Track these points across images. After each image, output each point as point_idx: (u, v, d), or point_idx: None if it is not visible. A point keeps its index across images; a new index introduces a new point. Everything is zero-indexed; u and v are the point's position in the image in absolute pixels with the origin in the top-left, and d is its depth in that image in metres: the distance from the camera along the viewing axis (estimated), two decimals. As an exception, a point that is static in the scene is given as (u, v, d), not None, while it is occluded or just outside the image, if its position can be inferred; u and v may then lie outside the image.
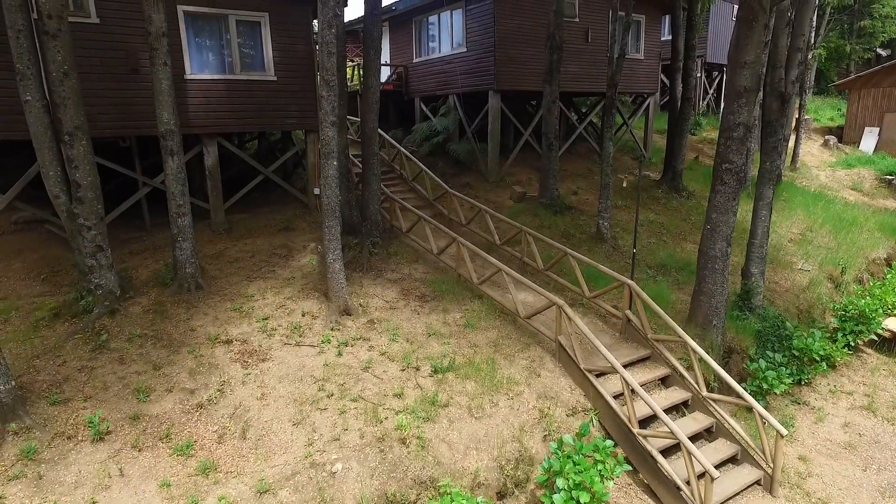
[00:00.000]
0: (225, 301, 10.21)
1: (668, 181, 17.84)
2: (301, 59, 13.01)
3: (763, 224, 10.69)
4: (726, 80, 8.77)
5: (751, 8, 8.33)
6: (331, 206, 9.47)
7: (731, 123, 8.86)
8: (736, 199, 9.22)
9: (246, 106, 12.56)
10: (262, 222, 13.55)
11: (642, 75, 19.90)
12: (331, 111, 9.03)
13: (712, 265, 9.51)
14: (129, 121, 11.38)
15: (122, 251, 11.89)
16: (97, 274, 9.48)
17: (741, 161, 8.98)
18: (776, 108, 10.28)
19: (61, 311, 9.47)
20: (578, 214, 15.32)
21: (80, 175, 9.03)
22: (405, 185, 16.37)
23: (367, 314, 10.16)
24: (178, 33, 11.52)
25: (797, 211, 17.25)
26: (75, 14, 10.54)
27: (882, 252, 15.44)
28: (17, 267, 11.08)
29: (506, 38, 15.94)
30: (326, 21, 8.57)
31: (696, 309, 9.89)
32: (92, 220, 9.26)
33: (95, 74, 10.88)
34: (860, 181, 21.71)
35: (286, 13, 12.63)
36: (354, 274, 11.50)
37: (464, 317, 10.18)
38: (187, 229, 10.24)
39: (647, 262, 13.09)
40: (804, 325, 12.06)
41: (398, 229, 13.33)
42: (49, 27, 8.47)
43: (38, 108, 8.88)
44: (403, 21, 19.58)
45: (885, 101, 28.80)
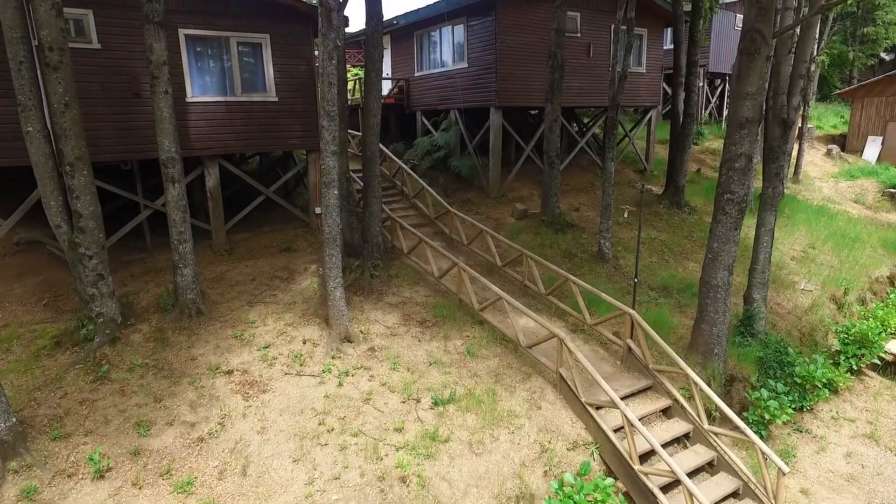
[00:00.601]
0: (226, 327, 10.22)
1: (669, 196, 17.80)
2: (302, 78, 13.01)
3: (765, 250, 10.65)
4: (728, 111, 8.72)
5: (753, 40, 8.29)
6: (332, 236, 9.46)
7: (732, 154, 8.83)
8: (737, 229, 9.19)
9: (247, 127, 12.56)
10: (264, 242, 13.56)
11: (644, 89, 19.85)
12: (331, 140, 9.02)
13: (714, 294, 9.48)
14: (130, 145, 11.39)
15: (124, 273, 11.91)
16: (98, 302, 9.49)
17: (743, 192, 8.95)
18: (779, 135, 10.24)
19: (63, 339, 9.48)
20: (580, 232, 15.29)
21: (81, 205, 9.04)
22: (406, 202, 16.35)
23: (368, 341, 10.15)
24: (179, 57, 11.53)
25: (799, 227, 17.19)
26: (77, 40, 10.57)
27: (885, 270, 15.38)
28: (18, 291, 11.09)
29: (507, 55, 15.91)
30: (327, 53, 8.55)
31: (697, 337, 9.86)
32: (93, 250, 9.27)
33: (97, 99, 10.90)
34: (863, 194, 21.63)
35: (287, 34, 12.63)
36: (355, 297, 11.50)
37: (465, 344, 10.16)
38: (188, 256, 10.25)
39: (649, 284, 13.05)
40: (807, 348, 12.03)
41: (399, 250, 13.31)
42: (50, 59, 8.48)
43: (40, 139, 8.88)
44: (405, 34, 19.57)
45: (889, 110, 28.71)
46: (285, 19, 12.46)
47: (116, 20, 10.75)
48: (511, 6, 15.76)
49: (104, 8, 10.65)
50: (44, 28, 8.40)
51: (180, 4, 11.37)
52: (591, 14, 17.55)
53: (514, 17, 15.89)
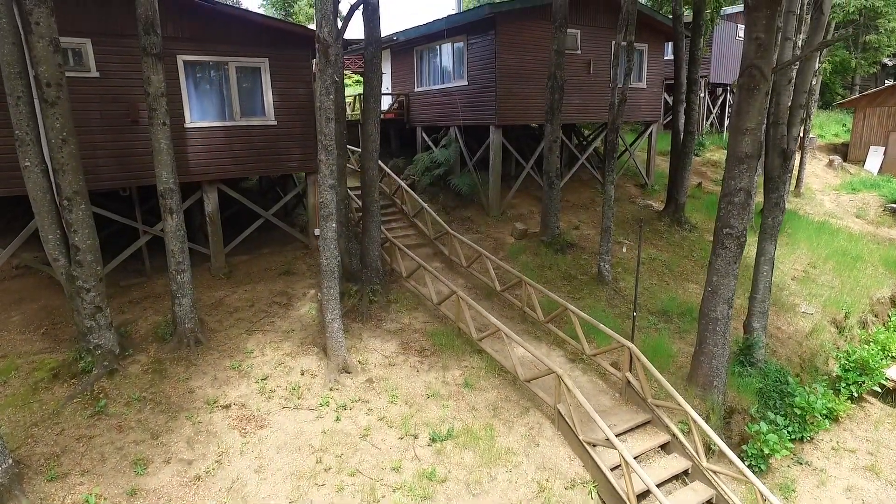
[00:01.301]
0: (224, 357, 10.20)
1: (670, 214, 17.75)
2: (301, 101, 12.99)
3: (765, 279, 10.61)
4: (728, 145, 8.69)
5: (752, 77, 8.25)
6: (329, 268, 9.44)
7: (732, 189, 8.79)
8: (737, 262, 9.14)
9: (246, 151, 12.55)
10: (263, 265, 13.55)
11: (645, 104, 19.80)
12: (329, 174, 9.00)
13: (713, 327, 9.44)
14: (129, 171, 11.38)
15: (122, 299, 11.91)
16: (96, 334, 9.48)
17: (742, 226, 8.91)
18: (778, 165, 10.20)
19: (61, 371, 9.47)
20: (580, 252, 15.25)
21: (78, 239, 9.03)
22: (406, 221, 16.33)
23: (366, 371, 10.13)
24: (177, 82, 11.52)
25: (801, 245, 17.13)
26: (76, 69, 10.56)
27: (886, 291, 15.31)
28: (16, 319, 11.09)
29: (507, 74, 15.88)
30: (325, 88, 8.53)
31: (696, 369, 9.82)
32: (91, 283, 9.26)
33: (96, 127, 10.90)
34: (865, 208, 21.54)
35: (286, 57, 12.60)
36: (354, 324, 11.48)
37: (463, 374, 10.13)
38: (186, 286, 10.23)
39: (649, 308, 13.01)
40: (807, 375, 11.99)
41: (398, 273, 13.28)
42: (48, 95, 8.47)
43: (37, 173, 8.89)
44: (405, 49, 19.55)
45: (891, 120, 28.61)
46: (284, 43, 12.44)
47: (115, 49, 10.74)
48: (511, 25, 15.72)
49: (103, 37, 10.64)
50: (41, 64, 8.38)
51: (179, 31, 11.36)
52: (592, 31, 17.50)
53: (514, 36, 15.85)
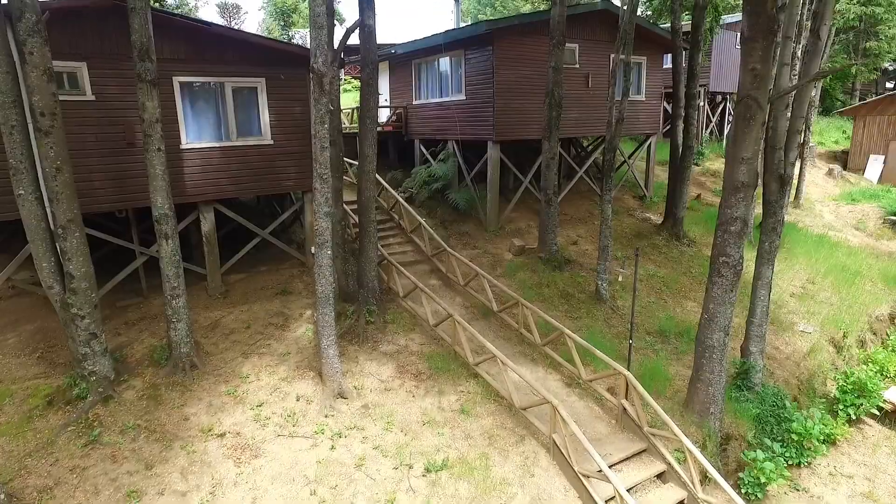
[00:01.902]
0: (219, 383, 10.18)
1: (668, 228, 17.72)
2: (298, 120, 12.95)
3: (762, 303, 10.58)
4: (724, 174, 8.66)
5: (748, 107, 8.22)
6: (325, 295, 9.42)
7: (728, 217, 8.76)
8: (734, 290, 9.11)
9: (243, 171, 12.53)
10: (260, 284, 13.52)
11: (644, 116, 19.76)
12: (324, 202, 8.98)
13: (710, 354, 9.41)
14: (126, 193, 11.36)
15: (119, 321, 11.89)
16: (91, 361, 9.47)
17: (738, 255, 8.88)
18: (776, 190, 10.16)
19: (55, 397, 9.45)
20: (578, 269, 15.21)
21: (73, 267, 9.01)
22: (404, 236, 16.30)
23: (362, 397, 10.10)
24: (173, 104, 11.50)
25: (799, 259, 17.09)
26: (71, 93, 10.54)
27: (885, 308, 15.27)
28: (12, 342, 11.07)
29: (506, 89, 15.85)
30: (319, 117, 8.51)
31: (693, 395, 9.79)
32: (86, 310, 9.25)
33: (92, 150, 10.88)
34: (864, 220, 21.50)
35: (282, 77, 12.57)
36: (350, 346, 11.46)
37: (459, 400, 10.10)
38: (182, 310, 10.20)
39: (646, 328, 12.98)
40: (805, 397, 11.96)
41: (395, 292, 13.25)
42: (42, 125, 8.45)
43: (32, 201, 8.86)
44: (403, 62, 19.52)
45: (891, 129, 28.59)
46: (280, 63, 12.41)
47: (111, 72, 10.72)
48: (509, 40, 15.69)
49: (98, 60, 10.62)
50: (35, 93, 8.37)
51: (175, 53, 11.34)
52: (590, 45, 17.47)
53: (512, 51, 15.82)
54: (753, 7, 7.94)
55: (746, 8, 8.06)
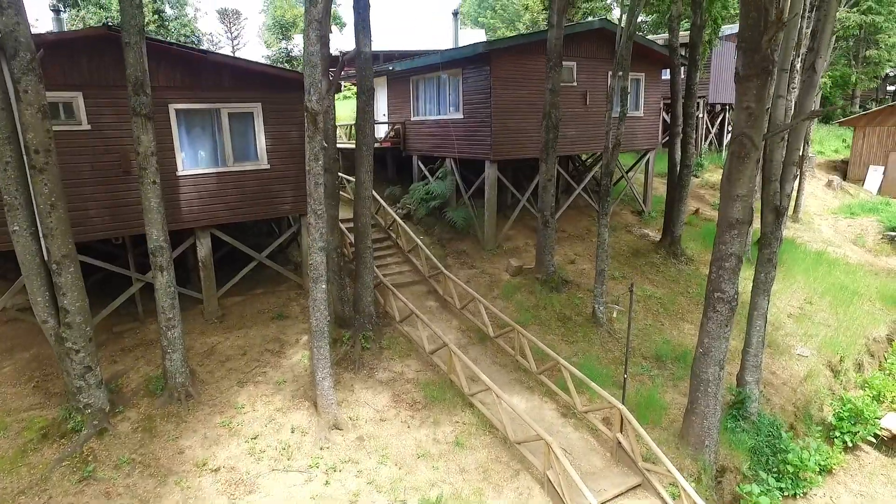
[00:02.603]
0: (215, 413, 10.18)
1: (666, 246, 17.70)
2: (294, 144, 12.93)
3: (758, 333, 10.56)
4: (719, 211, 8.65)
5: (743, 145, 8.21)
6: (320, 329, 9.42)
7: (723, 253, 8.75)
8: (729, 325, 9.10)
9: (239, 196, 12.53)
10: (257, 307, 13.51)
11: (642, 132, 19.75)
12: (319, 238, 8.97)
13: (704, 388, 9.40)
14: (122, 221, 11.36)
15: (115, 347, 11.89)
16: (86, 393, 9.46)
17: (733, 291, 8.87)
18: (771, 221, 10.15)
19: (50, 431, 9.45)
20: (575, 290, 15.20)
21: (68, 301, 9.01)
22: (401, 256, 16.29)
23: (357, 428, 10.09)
24: (169, 131, 11.49)
25: (797, 278, 17.06)
26: (67, 123, 10.54)
27: (883, 329, 15.24)
28: (8, 370, 11.07)
29: (503, 109, 15.83)
30: (313, 154, 8.50)
31: (688, 428, 9.78)
32: (80, 344, 9.25)
33: (87, 178, 10.88)
34: (863, 234, 21.47)
35: (278, 101, 12.57)
36: (346, 374, 11.45)
37: (454, 431, 10.10)
38: (177, 341, 10.21)
39: (643, 352, 12.96)
40: (801, 423, 11.94)
41: (391, 315, 13.25)
42: (36, 162, 8.45)
43: (26, 237, 8.86)
44: (401, 77, 19.52)
45: (891, 139, 28.57)
46: (275, 87, 12.40)
47: (106, 101, 10.72)
48: (506, 59, 15.68)
49: (93, 89, 10.62)
50: (30, 131, 8.37)
51: (170, 81, 11.34)
52: (588, 62, 17.45)
53: (510, 71, 15.81)
54: (749, 45, 7.93)
55: (742, 45, 8.04)
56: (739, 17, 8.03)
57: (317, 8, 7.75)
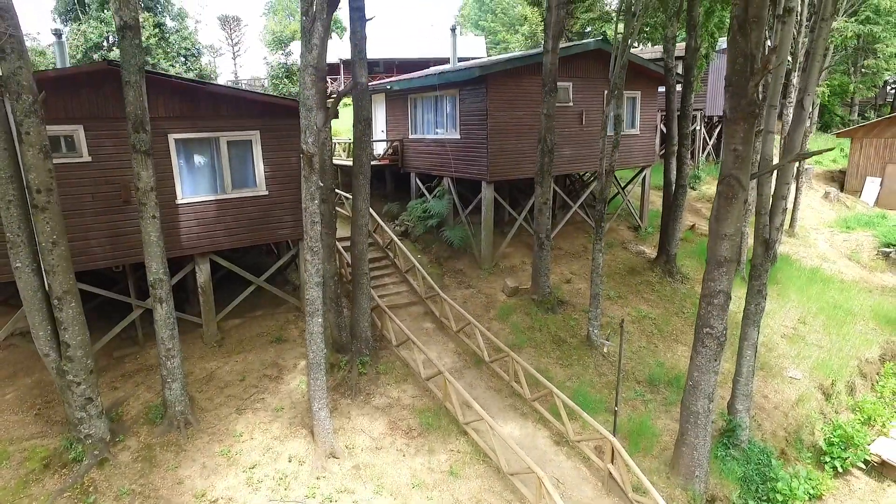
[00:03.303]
0: (213, 442, 10.35)
1: (662, 264, 17.85)
2: (292, 170, 13.11)
3: (748, 363, 10.72)
4: (708, 247, 8.81)
5: (730, 186, 8.37)
6: (316, 361, 9.59)
7: (711, 290, 8.91)
8: (717, 360, 9.26)
9: (238, 223, 12.70)
10: (255, 330, 13.69)
11: (639, 150, 19.91)
12: (315, 273, 9.15)
13: (694, 420, 9.56)
14: (122, 250, 11.54)
15: (115, 372, 12.07)
16: (87, 424, 9.64)
17: (721, 327, 9.03)
18: (761, 254, 10.30)
19: (52, 461, 9.64)
20: (571, 311, 15.36)
21: (69, 336, 9.19)
22: (399, 276, 16.46)
23: (353, 457, 10.26)
24: (168, 161, 11.67)
25: (791, 297, 17.21)
26: (68, 155, 10.72)
27: (876, 350, 15.39)
28: (10, 397, 11.26)
29: (499, 131, 16.00)
30: (310, 194, 8.67)
31: (679, 458, 9.94)
32: (81, 376, 9.42)
33: (88, 209, 11.06)
34: (858, 250, 21.60)
35: (276, 128, 12.74)
36: (343, 400, 11.63)
37: (449, 460, 10.26)
38: (176, 370, 10.38)
39: (636, 376, 13.12)
40: (793, 448, 12.09)
41: (388, 339, 13.42)
42: (38, 201, 8.63)
43: (28, 273, 9.03)
44: (399, 95, 19.68)
45: (888, 151, 28.69)
46: (273, 115, 12.58)
47: (106, 133, 10.90)
48: (502, 82, 15.84)
49: (94, 122, 10.80)
50: (32, 171, 8.55)
51: (170, 111, 11.51)
52: (583, 82, 17.61)
53: (506, 93, 15.97)
54: (736, 90, 8.09)
55: (729, 89, 8.20)
56: (727, 61, 8.19)
57: (312, 54, 7.92)
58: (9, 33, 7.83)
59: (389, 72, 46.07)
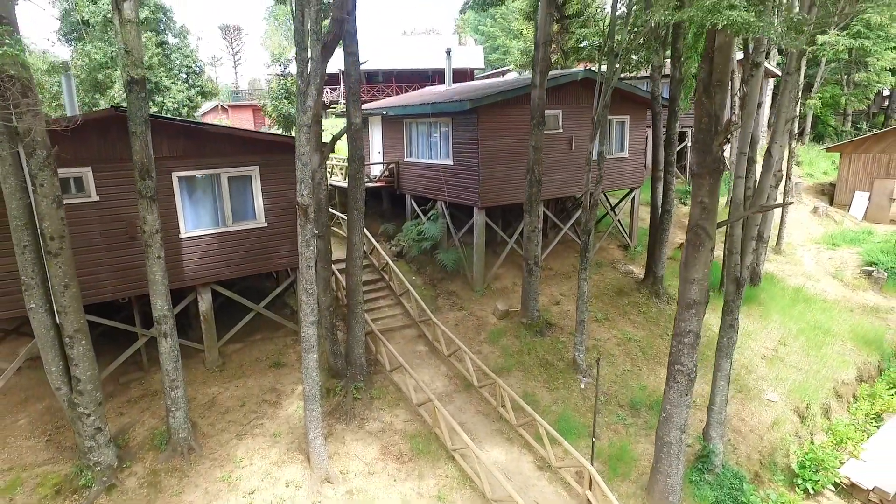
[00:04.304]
0: (215, 468, 10.95)
1: (649, 285, 18.43)
2: (290, 202, 13.70)
3: (721, 393, 11.30)
4: (679, 291, 9.39)
5: (698, 235, 8.96)
6: (312, 395, 10.19)
7: (682, 330, 9.50)
8: (689, 394, 9.85)
9: (238, 253, 13.31)
10: (255, 355, 14.30)
11: (628, 172, 20.49)
12: (310, 313, 9.74)
13: (667, 449, 10.15)
14: (128, 282, 12.15)
15: (122, 398, 12.68)
16: (96, 452, 10.26)
17: (692, 364, 9.62)
18: (732, 291, 10.90)
19: (63, 487, 10.26)
20: (558, 334, 15.94)
21: (80, 371, 9.81)
22: (393, 298, 17.05)
23: (347, 481, 10.86)
24: (172, 198, 12.28)
25: (774, 318, 17.77)
26: (78, 196, 11.33)
27: (852, 372, 15.95)
28: (22, 423, 11.88)
29: (490, 159, 16.59)
30: (305, 241, 9.27)
31: (654, 485, 10.53)
32: (91, 408, 10.04)
33: (97, 245, 11.67)
34: (842, 268, 22.14)
35: (275, 163, 13.34)
36: (338, 425, 12.22)
37: (437, 485, 10.86)
38: (180, 400, 10.98)
39: (619, 400, 13.71)
40: (767, 470, 12.66)
41: (382, 364, 14.02)
42: (51, 247, 9.25)
43: (42, 313, 9.65)
44: (396, 119, 20.27)
45: (875, 166, 29.23)
46: (271, 151, 13.19)
47: (113, 173, 11.51)
48: (492, 113, 16.42)
49: (101, 163, 11.41)
50: (45, 220, 9.16)
51: (173, 151, 12.12)
52: (572, 109, 18.18)
53: (496, 122, 16.56)
54: (701, 147, 8.67)
55: (695, 147, 8.79)
56: (693, 119, 8.77)
57: (306, 115, 8.52)
58: (29, 107, 8.45)
59: (389, 82, 46.69)
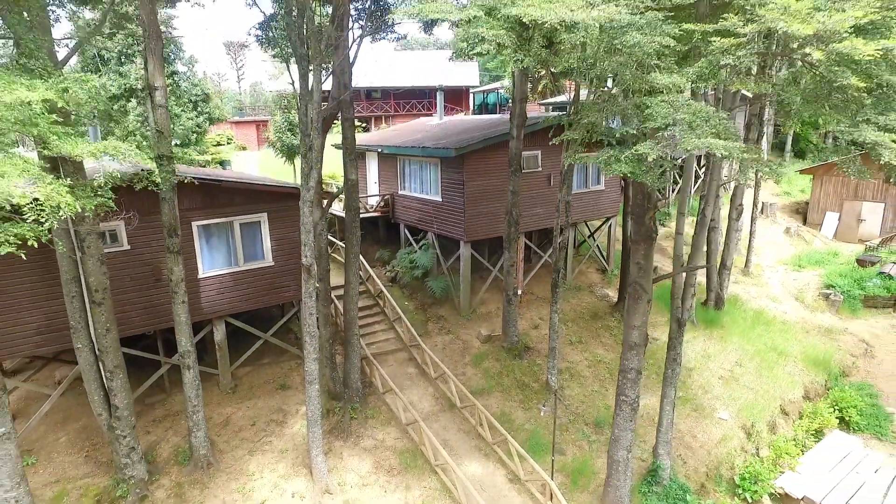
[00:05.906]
0: (231, 480, 12.75)
1: (621, 309, 20.17)
2: (294, 242, 15.49)
3: (668, 417, 13.05)
4: (623, 334, 11.16)
5: (636, 289, 10.73)
6: (314, 419, 11.99)
7: (626, 367, 11.28)
8: (632, 420, 11.64)
9: (249, 289, 15.11)
10: (263, 377, 16.11)
11: (605, 202, 22.24)
12: (312, 351, 11.54)
13: (616, 466, 11.95)
14: (154, 318, 13.95)
15: (147, 418, 14.49)
16: (130, 468, 12.07)
17: (634, 395, 11.40)
18: (675, 329, 12.67)
19: (102, 497, 12.08)
20: (535, 357, 17.73)
21: (118, 400, 11.62)
22: (387, 323, 18.84)
23: (344, 493, 12.66)
24: (192, 243, 14.08)
25: (733, 340, 19.53)
26: (112, 246, 13.12)
27: (799, 391, 17.71)
28: (63, 441, 13.70)
29: (474, 198, 18.37)
30: (308, 293, 11.05)
31: (606, 496, 12.33)
32: (126, 431, 11.85)
33: (128, 287, 13.46)
34: (804, 290, 23.87)
35: (281, 209, 15.14)
36: (336, 442, 14.03)
37: (422, 496, 12.66)
38: (200, 422, 12.78)
39: (585, 418, 15.50)
40: (712, 482, 14.45)
41: (376, 386, 15.82)
42: (96, 298, 11.05)
43: (87, 352, 11.47)
44: (390, 155, 22.05)
45: (845, 188, 30.98)
46: (278, 199, 14.99)
47: (141, 225, 13.29)
48: (476, 156, 18.20)
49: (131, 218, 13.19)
50: (91, 275, 10.96)
51: (193, 203, 13.90)
52: (552, 149, 19.87)
53: (480, 165, 18.33)
54: (637, 218, 10.45)
55: (632, 217, 10.56)
56: (630, 194, 10.54)
57: (309, 193, 10.30)
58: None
59: (387, 99, 48.53)
